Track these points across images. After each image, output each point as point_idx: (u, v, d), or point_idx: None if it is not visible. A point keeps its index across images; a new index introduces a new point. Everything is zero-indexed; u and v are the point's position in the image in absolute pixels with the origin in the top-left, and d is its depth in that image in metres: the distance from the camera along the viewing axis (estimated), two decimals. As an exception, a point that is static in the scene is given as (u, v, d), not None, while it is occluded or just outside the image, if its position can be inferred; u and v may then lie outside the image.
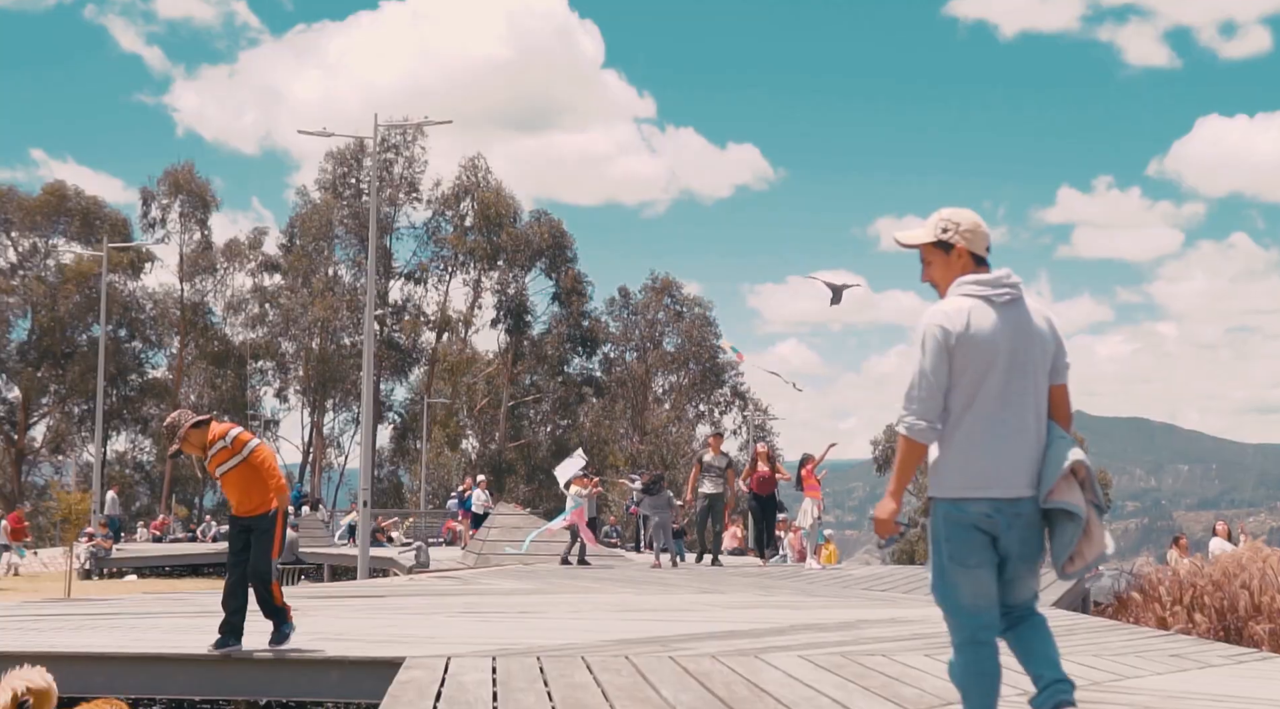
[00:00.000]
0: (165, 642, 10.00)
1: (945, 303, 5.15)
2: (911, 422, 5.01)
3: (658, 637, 9.92)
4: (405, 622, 11.49)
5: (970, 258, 5.23)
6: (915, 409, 5.01)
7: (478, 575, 19.31)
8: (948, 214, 5.32)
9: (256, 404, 79.67)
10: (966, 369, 5.00)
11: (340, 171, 77.18)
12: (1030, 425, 5.07)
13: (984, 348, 5.01)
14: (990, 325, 5.04)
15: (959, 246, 5.24)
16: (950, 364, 5.01)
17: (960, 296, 5.14)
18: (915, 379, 5.04)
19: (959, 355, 5.00)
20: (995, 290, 5.12)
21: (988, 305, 5.09)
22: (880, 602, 13.98)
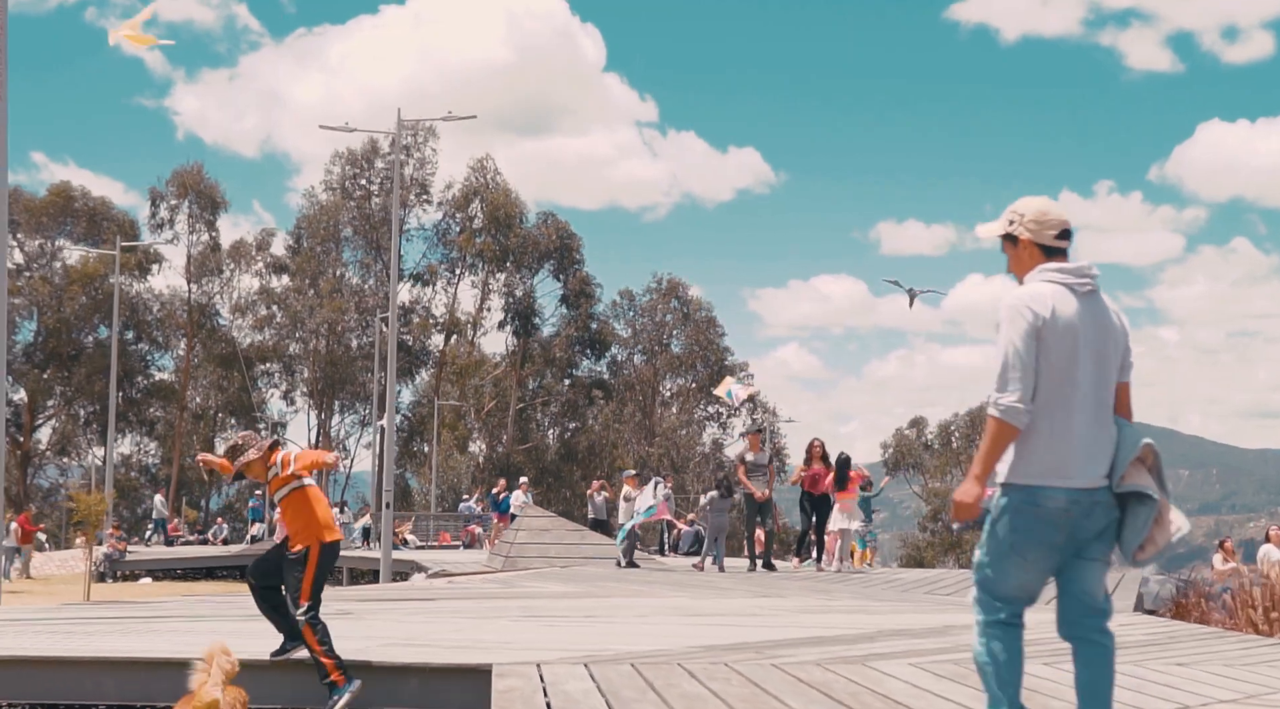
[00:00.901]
0: (242, 647, 9.48)
1: (1029, 286, 5.04)
2: (1007, 403, 4.85)
3: (744, 642, 9.42)
4: (470, 626, 11.00)
5: (1038, 249, 5.13)
6: (1011, 389, 4.86)
7: (516, 578, 18.78)
8: (1016, 205, 5.25)
9: (263, 406, 79.23)
10: (1049, 355, 4.90)
11: (350, 173, 76.68)
12: (1105, 417, 5.02)
13: (1066, 335, 4.92)
14: (1072, 313, 4.96)
15: (1023, 238, 5.16)
16: (1037, 348, 4.91)
17: (1042, 282, 5.04)
18: (1008, 359, 4.89)
19: (1045, 340, 4.91)
20: (1078, 280, 5.04)
21: (1070, 293, 5.00)
22: (951, 606, 13.49)
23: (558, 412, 79.09)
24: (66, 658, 8.94)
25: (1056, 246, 5.12)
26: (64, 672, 8.82)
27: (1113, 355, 5.07)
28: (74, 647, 9.39)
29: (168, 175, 73.55)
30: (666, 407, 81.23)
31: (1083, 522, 4.92)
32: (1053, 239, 5.12)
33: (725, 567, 21.75)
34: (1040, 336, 4.88)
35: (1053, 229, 5.12)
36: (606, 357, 79.38)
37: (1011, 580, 4.97)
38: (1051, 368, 4.90)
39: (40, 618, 11.81)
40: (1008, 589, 4.99)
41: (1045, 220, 5.12)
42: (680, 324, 78.78)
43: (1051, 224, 5.12)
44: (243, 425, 78.92)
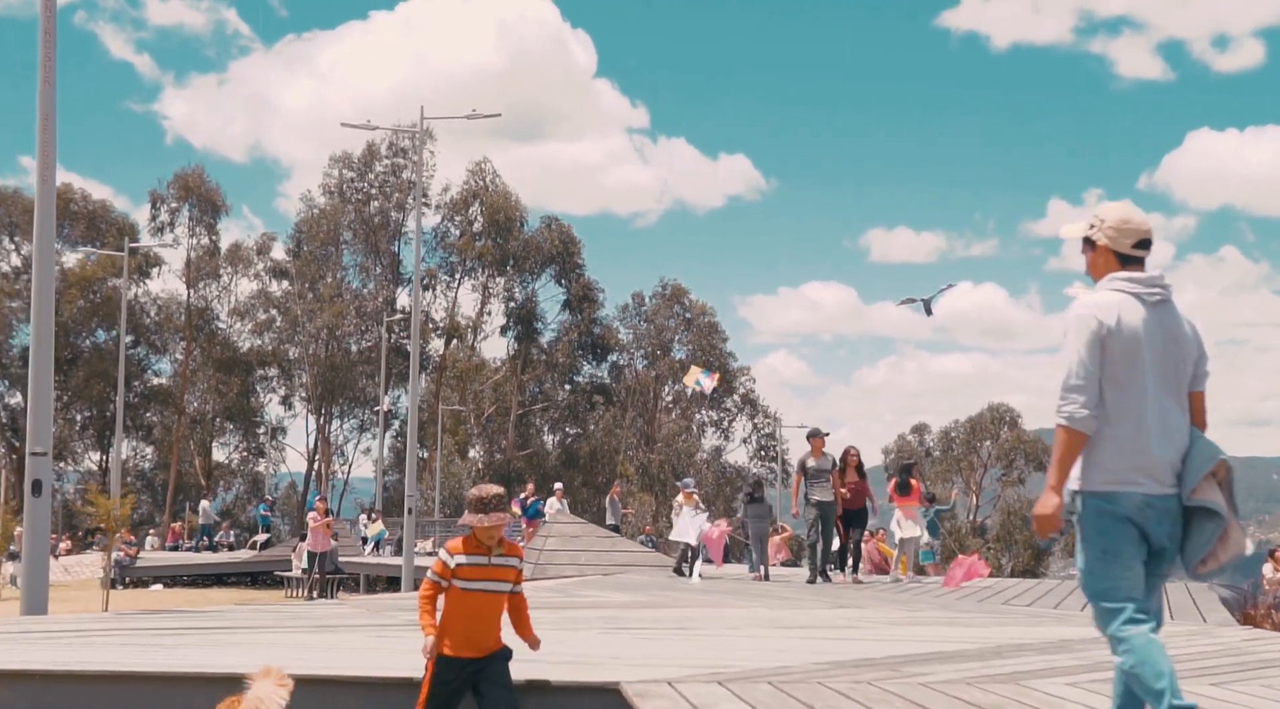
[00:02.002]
0: (334, 661, 8.93)
1: (1096, 295, 5.13)
2: (1072, 410, 4.97)
3: (869, 658, 8.89)
4: (558, 638, 10.42)
5: (1114, 256, 5.20)
6: (1076, 399, 4.97)
7: (567, 586, 18.21)
8: (1100, 209, 5.30)
9: (261, 411, 78.61)
10: (1115, 364, 4.99)
11: (348, 177, 76.14)
12: (1174, 425, 5.07)
13: (1132, 344, 5.01)
14: (1139, 323, 5.03)
15: (1101, 244, 5.23)
16: (1102, 356, 5.00)
17: (1111, 291, 5.12)
18: (1072, 368, 4.99)
19: (1109, 349, 5.00)
20: (1147, 289, 5.11)
21: (1138, 303, 5.08)
22: (1045, 619, 12.97)
23: (558, 417, 78.53)
24: (163, 673, 8.38)
25: (1133, 255, 5.17)
26: (156, 688, 8.28)
27: (1182, 365, 5.12)
28: (164, 661, 8.83)
29: (168, 178, 73.05)
30: (667, 412, 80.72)
31: (1154, 527, 5.00)
32: (1130, 247, 5.17)
33: (769, 575, 21.22)
34: (1105, 345, 4.99)
35: (1131, 237, 5.16)
36: (608, 361, 78.86)
37: (1121, 581, 5.00)
38: (1118, 376, 5.00)
39: (104, 628, 11.24)
40: (1119, 590, 5.00)
41: (1125, 228, 5.17)
42: (683, 329, 78.27)
43: (1130, 233, 5.16)
44: (241, 430, 78.33)
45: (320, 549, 27.19)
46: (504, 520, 7.31)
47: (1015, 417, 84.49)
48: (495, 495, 7.30)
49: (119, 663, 8.77)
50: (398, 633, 10.87)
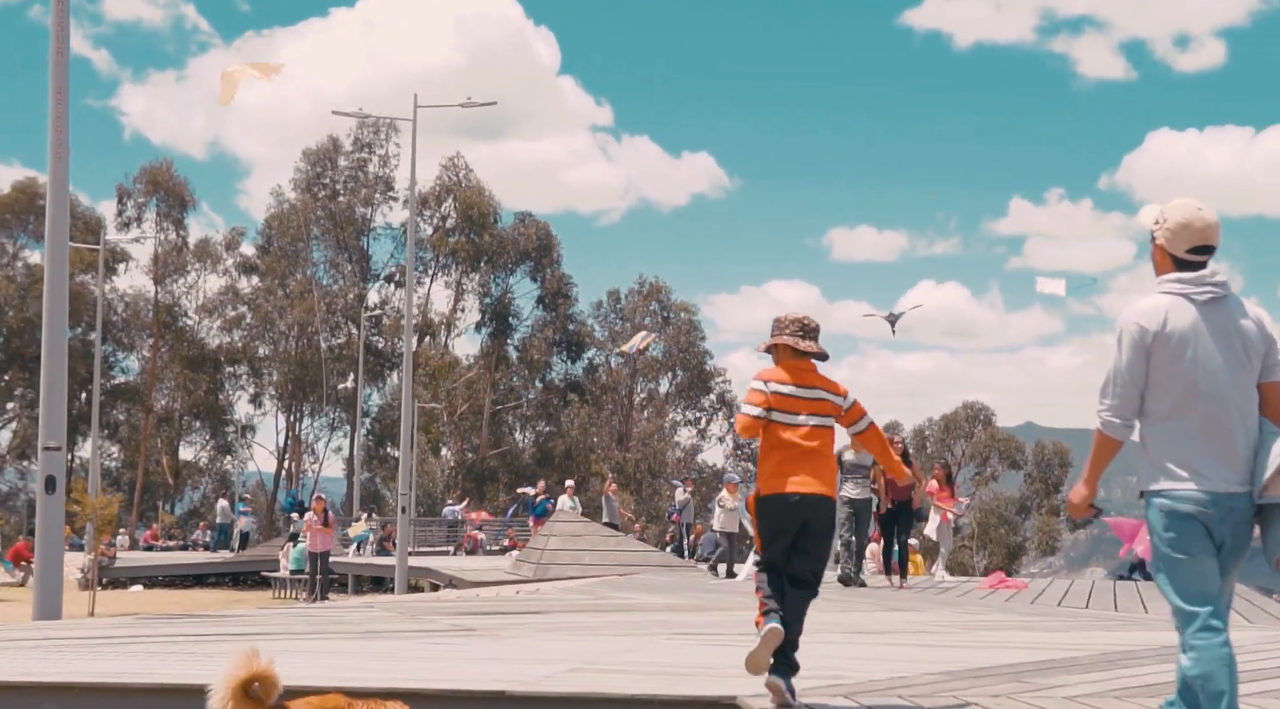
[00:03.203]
0: (404, 672, 8.23)
1: (1144, 300, 5.18)
2: (1105, 417, 5.12)
3: (979, 668, 8.29)
4: (631, 645, 9.77)
5: (1169, 257, 5.20)
6: (1110, 406, 5.11)
7: (594, 587, 17.52)
8: (1169, 206, 5.26)
9: (230, 409, 77.48)
10: (1166, 366, 5.03)
11: (314, 172, 75.14)
12: (1235, 421, 5.04)
13: (1182, 345, 5.02)
14: (1189, 323, 5.05)
15: (1158, 242, 5.24)
16: (1148, 361, 5.05)
17: (1159, 294, 5.15)
18: (1110, 376, 5.13)
19: (1157, 353, 5.04)
20: (1196, 289, 5.09)
21: (1187, 303, 5.08)
22: (1113, 621, 12.41)
23: (532, 414, 77.72)
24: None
25: (1188, 260, 5.16)
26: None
27: (1245, 359, 5.10)
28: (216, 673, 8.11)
29: (134, 172, 71.90)
30: (639, 410, 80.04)
31: (1217, 525, 5.00)
32: (1185, 252, 5.16)
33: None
34: (1150, 351, 5.04)
35: (1187, 242, 5.14)
36: (583, 359, 78.10)
37: (1190, 579, 5.00)
38: (1170, 378, 5.03)
39: (133, 635, 10.51)
40: (1190, 587, 5.00)
41: (1182, 233, 5.15)
42: (660, 327, 77.57)
43: (1186, 238, 5.14)
44: (209, 428, 77.16)
45: (321, 549, 26.40)
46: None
47: (989, 415, 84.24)
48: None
49: (169, 674, 8.08)
50: (451, 639, 10.21)
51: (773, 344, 7.21)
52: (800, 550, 6.92)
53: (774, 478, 6.90)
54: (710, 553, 31.72)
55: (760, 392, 6.96)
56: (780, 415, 6.92)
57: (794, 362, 7.12)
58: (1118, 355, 5.13)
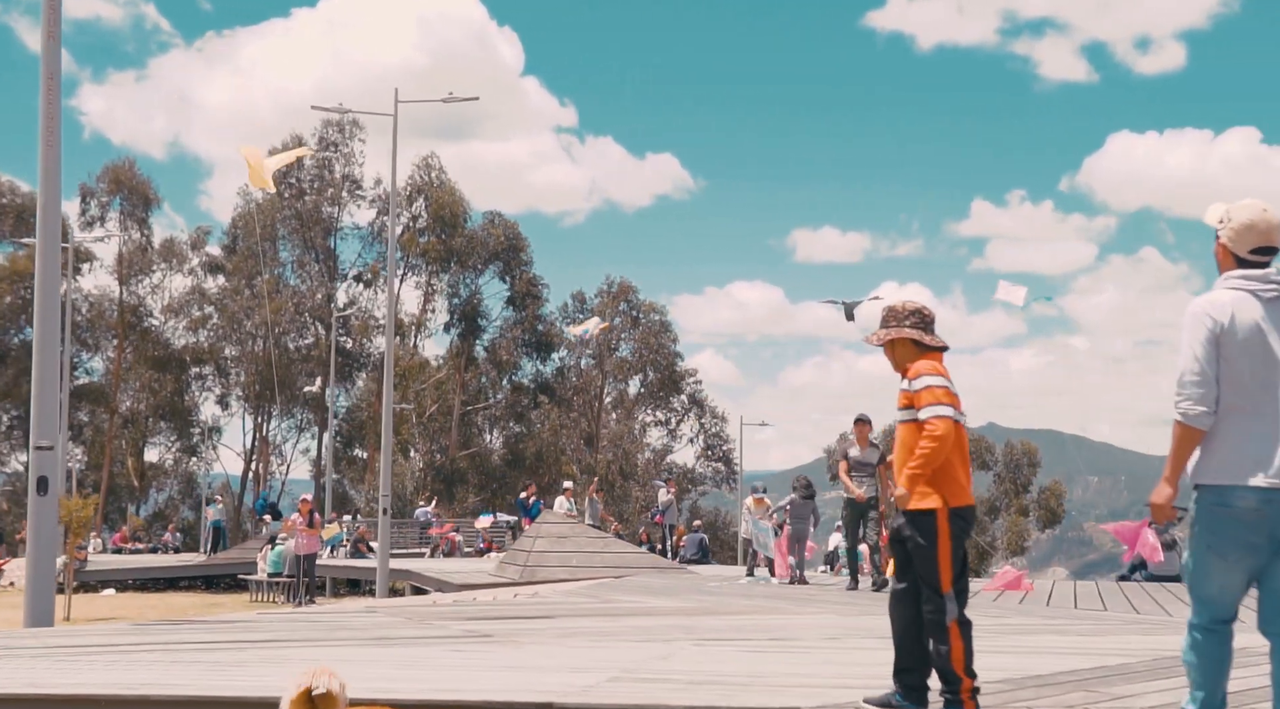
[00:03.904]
0: (446, 681, 7.85)
1: (1210, 294, 5.17)
2: (1188, 407, 5.04)
3: (1040, 675, 7.99)
4: (661, 652, 9.42)
5: (1232, 256, 5.21)
6: (1192, 394, 5.03)
7: (593, 590, 17.13)
8: (1235, 206, 5.25)
9: (196, 410, 76.69)
10: (1231, 360, 5.03)
11: (281, 171, 74.32)
12: None
13: (1248, 340, 5.03)
14: (1254, 319, 5.06)
15: (1221, 241, 5.24)
16: (1218, 353, 5.04)
17: (1225, 289, 5.15)
18: (1187, 366, 5.06)
19: (1225, 346, 5.04)
20: (1262, 285, 5.11)
21: (1254, 299, 5.09)
22: (1157, 626, 12.13)
23: (502, 416, 77.20)
24: (245, 699, 7.29)
25: (1250, 260, 5.18)
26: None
27: None
28: (239, 684, 7.73)
29: (97, 171, 71.13)
30: (608, 412, 79.63)
31: (1275, 523, 4.97)
32: (1247, 252, 5.18)
33: (806, 579, 20.15)
34: (1220, 343, 5.03)
35: (1250, 243, 5.16)
36: (553, 360, 77.65)
37: (1213, 581, 5.07)
38: (1235, 372, 5.03)
39: (136, 643, 10.09)
40: (1212, 589, 5.09)
41: (1246, 234, 5.16)
42: (630, 328, 77.20)
43: (1251, 239, 5.16)
44: (175, 430, 76.31)
45: (307, 551, 25.91)
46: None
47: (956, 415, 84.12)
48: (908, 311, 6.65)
49: (190, 685, 7.71)
50: (471, 645, 9.84)
51: (892, 338, 6.61)
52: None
53: (960, 488, 6.29)
54: (694, 555, 31.49)
55: (947, 388, 6.29)
56: (958, 416, 6.34)
57: (928, 355, 6.51)
58: (1190, 346, 5.08)
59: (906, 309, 6.66)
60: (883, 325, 6.78)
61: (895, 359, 6.63)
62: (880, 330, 6.76)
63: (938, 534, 6.20)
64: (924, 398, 6.26)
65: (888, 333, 6.66)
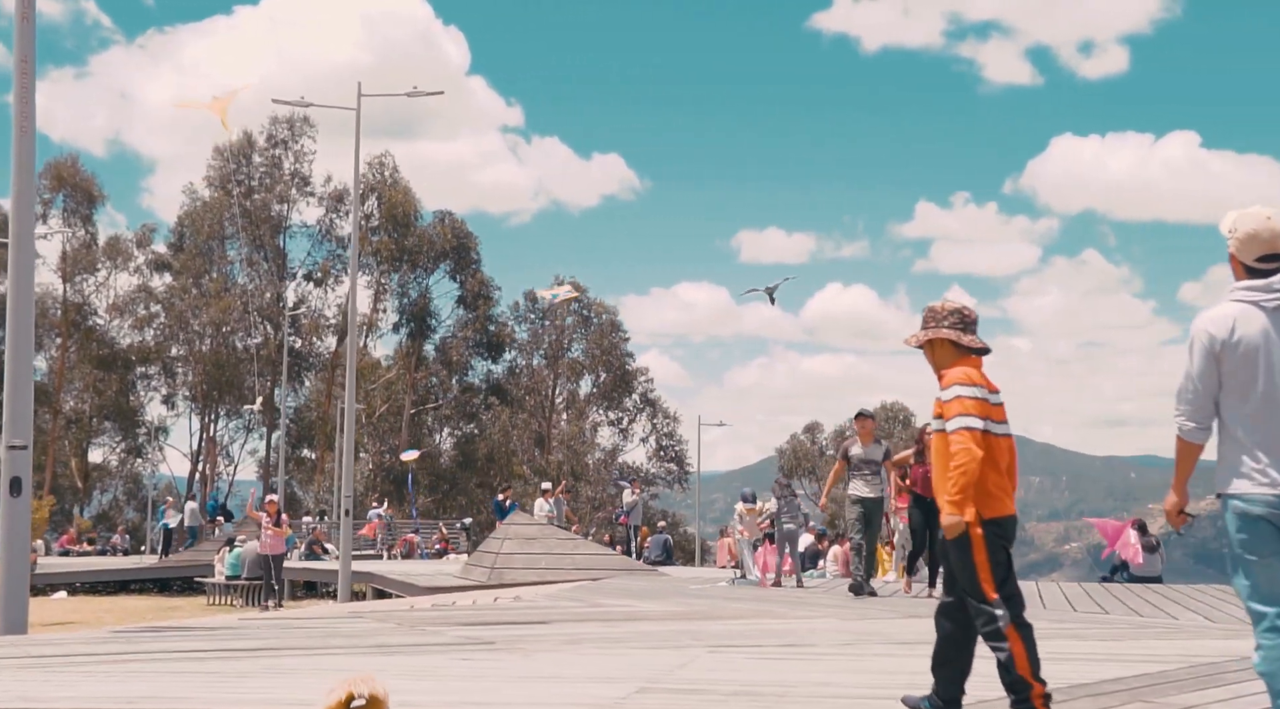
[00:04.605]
0: (466, 693, 7.47)
1: (1213, 309, 5.24)
2: (1180, 423, 5.22)
3: (1085, 684, 7.69)
4: (678, 660, 9.06)
5: (1239, 264, 5.25)
6: (1185, 411, 5.20)
7: (574, 593, 16.73)
8: (1241, 214, 5.29)
9: (142, 410, 75.62)
10: (1237, 372, 5.11)
11: (229, 169, 73.51)
12: None
13: (1252, 351, 5.10)
14: (1258, 330, 5.12)
15: (1230, 251, 5.28)
16: (1219, 368, 5.13)
17: (1229, 302, 5.21)
18: (1184, 383, 5.20)
19: (1227, 359, 5.11)
20: (1265, 296, 5.15)
21: (1257, 310, 5.14)
22: (1169, 630, 11.88)
23: (452, 416, 76.58)
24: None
25: (1257, 268, 5.20)
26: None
27: None
28: (245, 695, 7.31)
29: (40, 168, 69.91)
30: (559, 413, 79.21)
31: None
32: (1253, 260, 5.21)
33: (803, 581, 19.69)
34: (1220, 358, 5.12)
35: (1255, 252, 5.20)
36: (504, 360, 77.08)
37: (1261, 580, 5.08)
38: (1240, 384, 5.11)
39: (124, 652, 9.64)
40: (1261, 588, 5.09)
41: (1251, 242, 5.20)
42: (581, 328, 76.79)
43: (1255, 248, 5.20)
44: (120, 430, 75.22)
45: (274, 552, 25.34)
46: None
47: (909, 415, 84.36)
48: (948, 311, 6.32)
49: (194, 699, 7.32)
50: (477, 653, 9.45)
51: (930, 339, 6.29)
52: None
53: (994, 499, 5.99)
54: (659, 556, 31.17)
55: (976, 398, 6.01)
56: (991, 425, 6.04)
57: (968, 359, 6.22)
58: (1189, 362, 5.19)
59: (946, 309, 6.35)
60: (922, 326, 6.47)
61: (934, 361, 6.33)
62: (919, 331, 6.45)
63: (973, 545, 5.96)
64: (952, 408, 6.01)
65: (925, 333, 6.36)
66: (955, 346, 6.23)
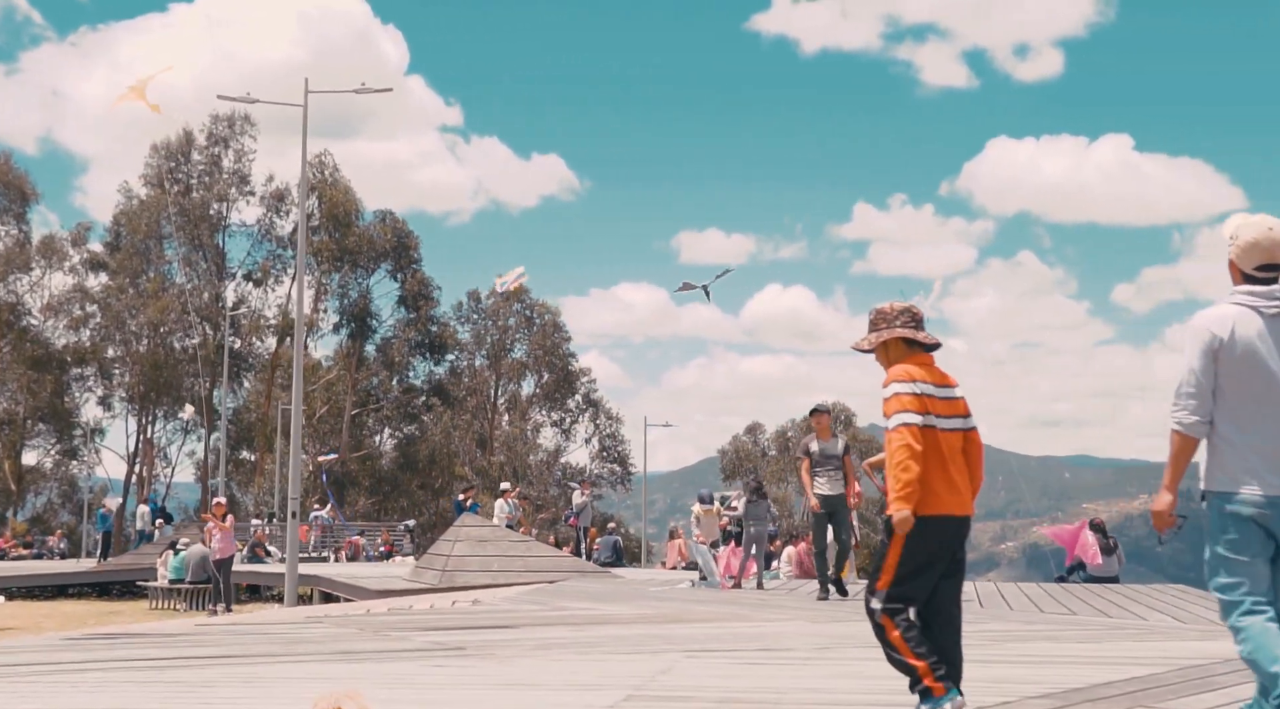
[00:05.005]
0: (448, 703, 7.24)
1: (1214, 309, 5.28)
2: (1181, 417, 5.21)
3: (1075, 689, 7.57)
4: (660, 665, 8.88)
5: (1239, 272, 5.31)
6: (1187, 406, 5.20)
7: (534, 596, 16.50)
8: (1242, 224, 5.33)
9: (77, 412, 74.52)
10: (1232, 373, 5.16)
11: (168, 166, 72.60)
12: None
13: (1249, 353, 5.16)
14: (1255, 333, 5.18)
15: (1230, 257, 5.34)
16: (1216, 366, 5.19)
17: (1229, 304, 5.26)
18: (1184, 378, 5.22)
19: (1224, 359, 5.17)
20: (1266, 302, 5.23)
21: (1255, 314, 5.21)
22: (1145, 631, 11.81)
23: (393, 417, 75.98)
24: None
25: (1256, 276, 5.27)
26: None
27: None
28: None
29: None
30: (501, 414, 78.79)
31: (1276, 526, 5.10)
32: (1252, 268, 5.28)
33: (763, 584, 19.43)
34: (1218, 357, 5.18)
35: (1254, 261, 5.26)
36: (446, 361, 76.53)
37: (1241, 578, 5.14)
38: (1236, 384, 5.17)
39: (85, 661, 9.33)
40: (1239, 586, 5.14)
41: (1251, 251, 5.26)
42: (524, 328, 76.42)
43: (1254, 257, 5.26)
44: (55, 432, 74.09)
45: (225, 555, 24.90)
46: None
47: (850, 416, 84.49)
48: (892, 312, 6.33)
49: None
50: (450, 660, 9.22)
51: (883, 340, 6.22)
52: (951, 575, 6.09)
53: (933, 496, 5.92)
54: (609, 558, 30.97)
55: (914, 394, 5.96)
56: (934, 420, 5.98)
57: (918, 357, 6.20)
58: (1189, 359, 5.23)
59: (896, 309, 6.31)
60: (871, 329, 6.40)
61: (887, 361, 6.27)
62: (870, 335, 6.36)
63: (893, 537, 5.95)
64: (890, 406, 6.00)
65: (879, 335, 6.29)
66: (908, 345, 6.18)
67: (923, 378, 6.05)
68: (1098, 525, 21.07)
